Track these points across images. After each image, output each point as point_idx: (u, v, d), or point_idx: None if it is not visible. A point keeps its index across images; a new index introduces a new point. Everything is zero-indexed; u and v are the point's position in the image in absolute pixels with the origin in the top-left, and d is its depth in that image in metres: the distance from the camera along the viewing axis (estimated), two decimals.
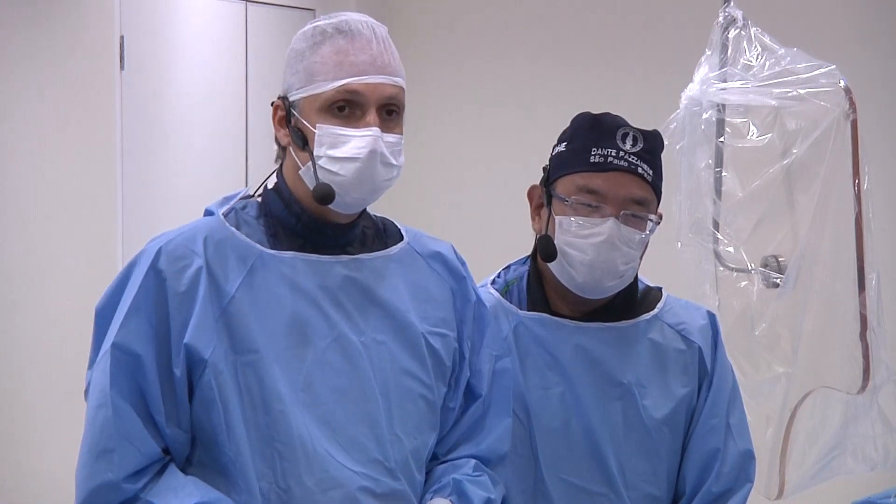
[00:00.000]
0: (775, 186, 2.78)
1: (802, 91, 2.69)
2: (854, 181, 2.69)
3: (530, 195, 2.04)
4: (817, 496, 2.90)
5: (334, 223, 1.78)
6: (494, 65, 4.71)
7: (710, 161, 2.82)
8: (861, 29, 3.84)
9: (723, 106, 2.81)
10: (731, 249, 2.84)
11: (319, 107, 1.71)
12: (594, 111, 2.01)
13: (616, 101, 2.32)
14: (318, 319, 1.73)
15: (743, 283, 2.84)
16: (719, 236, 2.84)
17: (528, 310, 2.01)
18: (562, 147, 1.99)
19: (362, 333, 1.76)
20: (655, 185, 1.96)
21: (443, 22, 4.87)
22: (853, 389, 2.70)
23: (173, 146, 4.21)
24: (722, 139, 2.82)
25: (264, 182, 1.83)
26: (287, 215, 1.77)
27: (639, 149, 1.93)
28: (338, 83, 1.70)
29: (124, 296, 1.69)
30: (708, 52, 2.83)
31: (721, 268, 2.86)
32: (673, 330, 2.04)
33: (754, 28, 2.80)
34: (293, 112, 1.74)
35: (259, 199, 1.81)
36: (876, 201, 2.75)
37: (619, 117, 1.98)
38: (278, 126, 1.78)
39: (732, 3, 2.86)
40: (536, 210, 2.02)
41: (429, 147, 4.77)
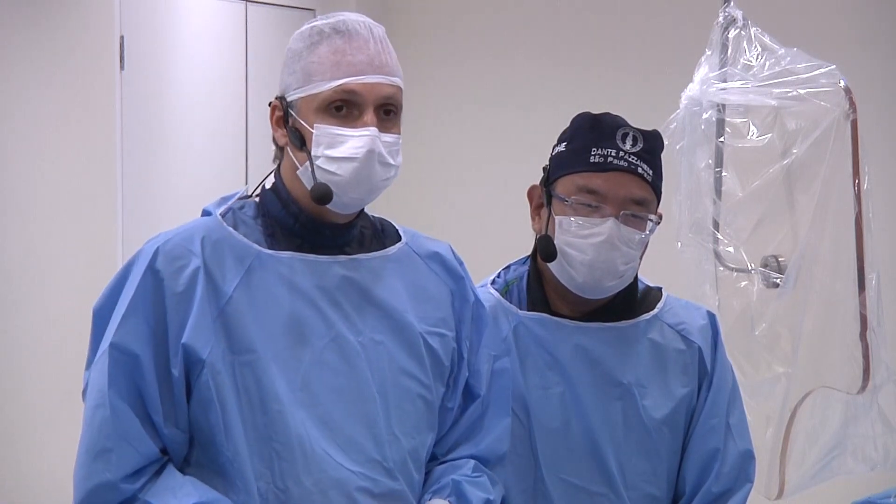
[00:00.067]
0: (775, 186, 2.78)
1: (802, 91, 2.69)
2: (854, 181, 2.69)
3: (530, 195, 2.04)
4: (817, 496, 2.90)
5: (332, 223, 1.77)
6: (494, 65, 4.71)
7: (710, 161, 2.82)
8: (861, 29, 3.84)
9: (723, 106, 2.81)
10: (731, 249, 2.84)
11: (317, 107, 1.71)
12: (594, 111, 2.01)
13: (616, 101, 2.32)
14: (316, 319, 1.73)
15: (743, 283, 2.84)
16: (719, 236, 2.84)
17: (528, 310, 2.01)
18: (562, 147, 1.99)
19: (360, 333, 1.76)
20: (655, 185, 1.96)
21: (443, 22, 4.87)
22: (853, 389, 2.70)
23: (173, 146, 4.21)
24: (722, 139, 2.82)
25: (262, 182, 1.83)
26: (285, 215, 1.77)
27: (639, 149, 1.93)
28: (335, 83, 1.70)
29: (122, 296, 1.69)
30: (708, 52, 2.83)
31: (721, 268, 2.86)
32: (673, 330, 2.04)
33: (754, 28, 2.80)
34: (291, 112, 1.74)
35: (257, 200, 1.81)
36: (876, 201, 2.75)
37: (619, 117, 1.98)
38: (276, 126, 1.78)
39: (732, 3, 2.86)
40: (536, 210, 2.02)
41: (429, 147, 4.76)
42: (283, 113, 1.75)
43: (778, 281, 2.78)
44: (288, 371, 1.70)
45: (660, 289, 2.09)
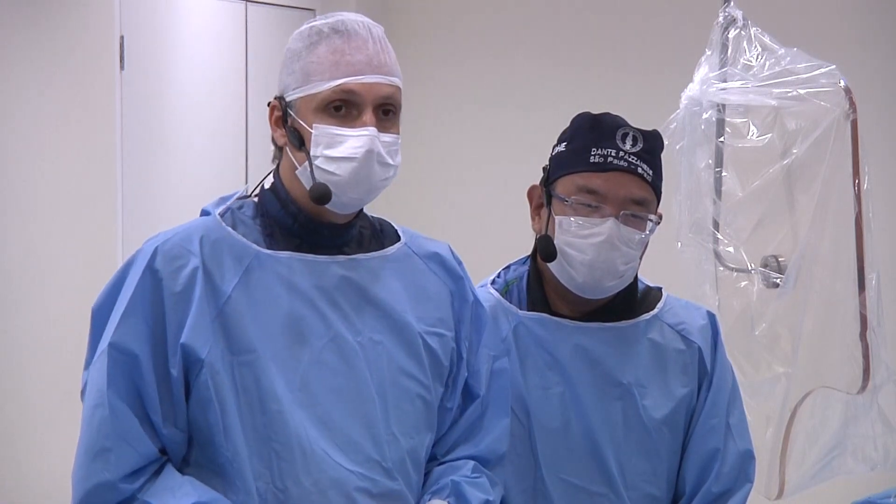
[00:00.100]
0: (775, 186, 2.78)
1: (802, 91, 2.69)
2: (854, 181, 2.69)
3: (530, 195, 2.04)
4: (817, 496, 2.90)
5: (331, 223, 1.77)
6: (494, 65, 4.71)
7: (710, 161, 2.82)
8: (861, 29, 3.84)
9: (723, 106, 2.81)
10: (731, 249, 2.84)
11: (316, 107, 1.71)
12: (594, 111, 2.01)
13: (616, 101, 2.32)
14: (315, 319, 1.73)
15: (743, 283, 2.84)
16: (719, 236, 2.84)
17: (528, 310, 2.01)
18: (562, 147, 1.99)
19: (359, 333, 1.76)
20: (655, 185, 1.96)
21: (443, 22, 4.87)
22: (853, 389, 2.70)
23: (173, 146, 4.21)
24: (722, 139, 2.82)
25: (261, 182, 1.83)
26: (284, 215, 1.77)
27: (639, 149, 1.93)
28: (334, 83, 1.70)
29: (121, 295, 1.69)
30: (708, 52, 2.83)
31: (721, 268, 2.86)
32: (673, 330, 2.04)
33: (754, 28, 2.80)
34: (290, 112, 1.74)
35: (255, 199, 1.81)
36: (876, 201, 2.75)
37: (619, 117, 1.98)
38: (275, 126, 1.77)
39: (732, 3, 2.86)
40: (536, 210, 2.02)
41: (429, 147, 4.76)
42: (282, 113, 1.75)
43: (778, 281, 2.78)
44: (287, 371, 1.70)
45: (660, 289, 2.09)
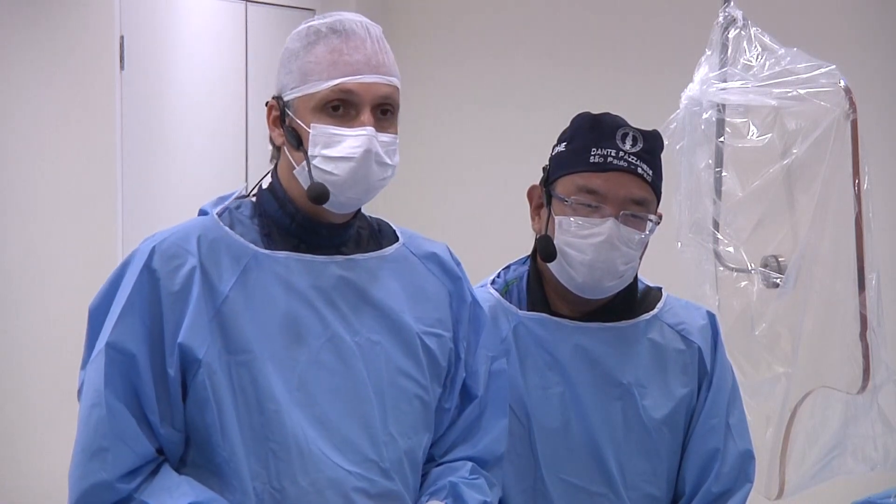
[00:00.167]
0: (775, 186, 2.78)
1: (802, 91, 2.69)
2: (854, 181, 2.69)
3: (530, 195, 2.04)
4: (817, 496, 2.90)
5: (329, 223, 1.77)
6: (494, 65, 4.71)
7: (710, 161, 2.82)
8: (861, 29, 3.84)
9: (723, 106, 2.81)
10: (731, 249, 2.84)
11: (314, 106, 1.71)
12: (594, 111, 2.01)
13: (616, 101, 2.32)
14: (312, 319, 1.73)
15: (743, 283, 2.84)
16: (719, 236, 2.84)
17: (528, 310, 2.01)
18: (561, 147, 1.99)
19: (357, 333, 1.76)
20: (655, 185, 1.96)
21: (443, 22, 4.87)
22: (853, 389, 2.70)
23: (173, 146, 4.21)
24: (722, 139, 2.82)
25: (259, 182, 1.83)
26: (281, 215, 1.77)
27: (638, 149, 1.93)
28: (332, 83, 1.70)
29: (118, 295, 1.69)
30: (708, 52, 2.83)
31: (721, 268, 2.86)
32: (673, 330, 2.04)
33: (754, 28, 2.80)
34: (287, 112, 1.74)
35: (254, 199, 1.81)
36: (876, 201, 2.75)
37: (619, 117, 1.98)
38: (273, 126, 1.77)
39: (732, 3, 2.86)
40: (536, 210, 2.02)
41: (429, 147, 4.76)
42: (280, 113, 1.75)
43: (778, 281, 2.78)
44: (284, 371, 1.70)
45: (660, 289, 2.09)
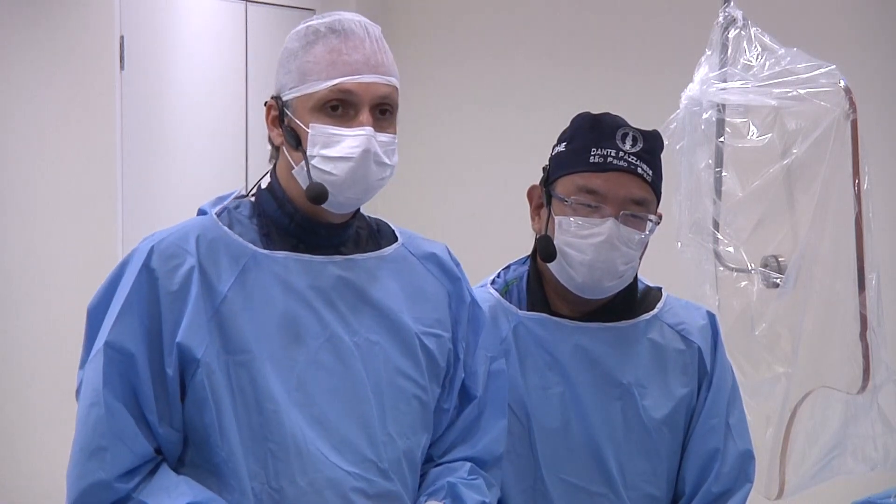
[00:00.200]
0: (775, 186, 2.78)
1: (802, 91, 2.68)
2: (854, 181, 2.69)
3: (530, 195, 2.04)
4: (817, 496, 2.90)
5: (328, 223, 1.77)
6: (494, 65, 4.71)
7: (710, 161, 2.82)
8: (861, 29, 3.83)
9: (723, 106, 2.81)
10: (731, 249, 2.84)
11: (313, 106, 1.71)
12: (594, 111, 2.01)
13: (616, 101, 2.32)
14: (311, 319, 1.73)
15: (743, 283, 2.84)
16: (719, 236, 2.84)
17: (528, 310, 2.01)
18: (561, 147, 1.99)
19: (355, 334, 1.76)
20: (655, 186, 1.96)
21: (443, 22, 4.87)
22: (853, 389, 2.70)
23: (173, 146, 4.21)
24: (722, 139, 2.82)
25: (258, 182, 1.83)
26: (280, 215, 1.77)
27: (638, 149, 1.93)
28: (331, 83, 1.70)
29: (117, 294, 1.69)
30: (708, 52, 2.83)
31: (721, 268, 2.86)
32: (672, 330, 2.04)
33: (754, 28, 2.79)
34: (286, 112, 1.74)
35: (252, 199, 1.81)
36: (876, 201, 2.75)
37: (619, 117, 1.98)
38: (271, 126, 1.77)
39: (732, 3, 2.86)
40: (536, 210, 2.02)
41: (429, 147, 4.76)
42: (279, 112, 1.75)
43: (778, 281, 2.78)
44: (283, 371, 1.70)
45: (660, 289, 2.09)
